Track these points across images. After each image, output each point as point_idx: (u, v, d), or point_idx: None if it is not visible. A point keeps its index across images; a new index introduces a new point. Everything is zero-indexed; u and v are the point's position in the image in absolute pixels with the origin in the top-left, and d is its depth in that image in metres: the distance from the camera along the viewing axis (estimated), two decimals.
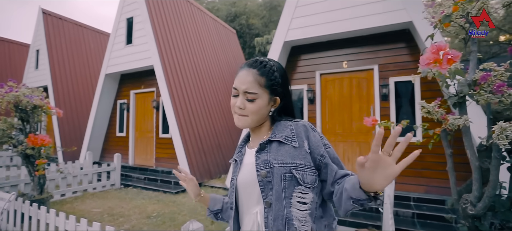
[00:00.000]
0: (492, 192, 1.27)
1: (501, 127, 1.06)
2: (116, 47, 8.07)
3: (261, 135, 0.99)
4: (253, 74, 0.91)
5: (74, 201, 5.53)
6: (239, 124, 0.93)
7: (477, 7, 1.35)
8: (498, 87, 1.19)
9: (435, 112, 1.45)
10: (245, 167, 0.95)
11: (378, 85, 5.21)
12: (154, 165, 7.72)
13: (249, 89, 0.89)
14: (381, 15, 4.86)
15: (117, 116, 8.67)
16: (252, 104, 0.90)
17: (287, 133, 0.91)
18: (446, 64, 0.95)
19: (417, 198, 4.62)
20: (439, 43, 0.96)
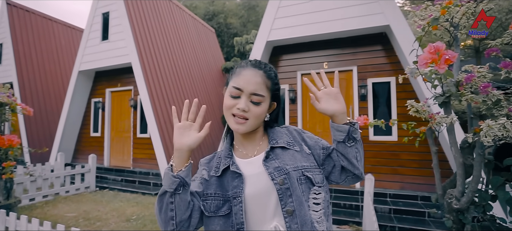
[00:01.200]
0: (475, 186, 1.36)
1: (488, 125, 1.13)
2: (91, 43, 7.68)
3: (255, 141, 0.92)
4: (261, 76, 0.86)
5: (44, 205, 5.20)
6: (240, 128, 0.84)
7: (462, 12, 1.43)
8: (484, 88, 1.28)
9: (423, 111, 1.53)
10: (251, 178, 0.84)
11: (357, 86, 5.39)
12: (132, 166, 7.46)
13: (258, 91, 0.84)
14: (360, 18, 5.03)
15: (92, 115, 8.26)
16: (257, 107, 0.84)
17: (286, 138, 0.90)
18: (443, 64, 1.01)
19: (393, 195, 4.84)
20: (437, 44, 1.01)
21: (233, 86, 0.85)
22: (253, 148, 0.91)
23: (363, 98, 5.32)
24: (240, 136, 0.92)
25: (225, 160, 0.88)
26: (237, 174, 0.84)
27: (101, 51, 7.45)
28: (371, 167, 5.22)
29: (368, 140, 5.28)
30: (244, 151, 0.92)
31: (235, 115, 0.84)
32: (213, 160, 0.93)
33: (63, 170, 6.05)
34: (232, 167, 0.86)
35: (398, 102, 5.17)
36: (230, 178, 0.85)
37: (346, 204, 4.74)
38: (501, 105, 1.30)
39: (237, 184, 0.83)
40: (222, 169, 0.87)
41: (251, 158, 0.89)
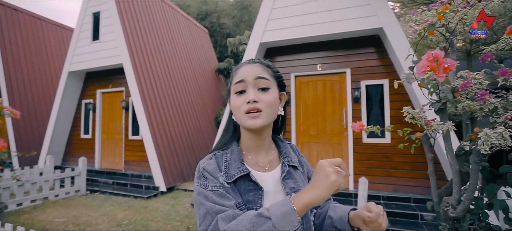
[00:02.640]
0: (471, 194, 1.34)
1: (486, 134, 1.12)
2: (81, 43, 7.53)
3: (266, 149, 0.85)
4: (259, 65, 0.82)
5: (33, 210, 5.07)
6: (257, 121, 0.75)
7: (458, 17, 1.42)
8: (481, 95, 1.26)
9: (419, 118, 1.51)
10: (269, 195, 0.78)
11: (350, 88, 5.39)
12: (123, 168, 7.33)
13: (262, 73, 0.79)
14: (353, 20, 5.04)
15: (82, 116, 8.10)
16: (266, 94, 0.78)
17: (295, 157, 0.88)
18: (442, 73, 0.98)
19: (386, 197, 4.85)
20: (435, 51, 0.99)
21: (235, 82, 0.81)
22: (264, 159, 0.85)
23: (356, 101, 5.32)
24: (251, 141, 0.83)
25: (238, 166, 0.79)
26: (256, 187, 0.77)
27: (92, 52, 7.31)
28: (364, 169, 5.23)
29: (361, 142, 5.29)
30: (256, 159, 0.84)
31: (247, 112, 0.77)
32: (220, 163, 0.81)
33: (53, 173, 5.90)
34: (252, 177, 0.78)
35: (391, 105, 5.19)
36: (242, 189, 0.77)
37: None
38: (497, 113, 1.28)
39: (253, 198, 0.76)
40: (236, 176, 0.77)
41: (266, 172, 0.82)
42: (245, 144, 0.85)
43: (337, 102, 5.57)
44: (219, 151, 0.84)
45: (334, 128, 5.54)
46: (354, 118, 5.36)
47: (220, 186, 0.75)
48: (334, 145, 5.54)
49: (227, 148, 0.84)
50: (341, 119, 5.48)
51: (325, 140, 5.62)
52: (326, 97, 5.65)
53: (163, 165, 6.38)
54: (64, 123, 8.03)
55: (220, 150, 0.84)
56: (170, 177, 6.48)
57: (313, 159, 5.63)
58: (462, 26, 1.49)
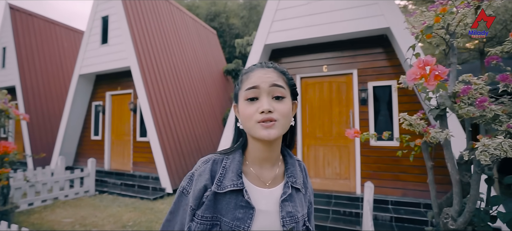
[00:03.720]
0: (472, 206, 1.26)
1: (483, 144, 1.04)
2: (91, 47, 7.69)
3: (272, 162, 0.79)
4: (273, 71, 0.74)
5: (43, 210, 5.19)
6: (271, 132, 0.69)
7: (458, 19, 1.34)
8: (480, 102, 1.19)
9: (417, 124, 1.44)
10: (261, 215, 0.73)
11: (357, 89, 5.28)
12: (132, 169, 7.43)
13: (278, 81, 0.72)
14: (359, 20, 4.93)
15: (92, 118, 8.27)
16: (282, 104, 0.71)
17: (300, 178, 0.81)
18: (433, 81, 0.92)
19: (395, 202, 4.72)
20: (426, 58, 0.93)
21: (247, 88, 0.72)
22: (268, 173, 0.78)
23: (363, 103, 5.21)
24: (258, 152, 0.76)
25: (233, 179, 0.73)
26: (247, 205, 0.72)
27: (101, 55, 7.45)
28: (371, 173, 5.10)
29: (369, 145, 5.17)
30: (259, 173, 0.78)
31: (260, 121, 0.70)
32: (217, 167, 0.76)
33: (63, 174, 6.04)
34: (246, 195, 0.72)
35: (400, 107, 5.05)
36: (233, 204, 0.72)
37: (345, 212, 4.64)
38: (500, 120, 1.20)
39: (242, 216, 0.70)
40: (228, 188, 0.72)
41: (265, 189, 0.76)
42: (251, 154, 0.78)
43: (343, 104, 5.46)
44: (220, 156, 0.79)
45: (341, 130, 5.44)
46: (361, 120, 5.25)
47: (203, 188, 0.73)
48: (341, 147, 5.44)
49: (230, 154, 0.79)
50: (348, 121, 5.37)
51: (331, 143, 5.52)
52: (332, 99, 5.55)
53: (169, 167, 6.42)
54: (75, 125, 8.22)
55: (223, 154, 0.79)
56: (176, 179, 6.52)
57: (319, 162, 5.55)
58: (463, 28, 1.41)
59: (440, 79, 0.92)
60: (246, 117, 0.72)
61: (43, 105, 9.42)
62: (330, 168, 5.47)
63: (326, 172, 5.49)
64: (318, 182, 5.48)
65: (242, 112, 0.73)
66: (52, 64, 10.09)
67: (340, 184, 5.34)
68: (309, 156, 5.63)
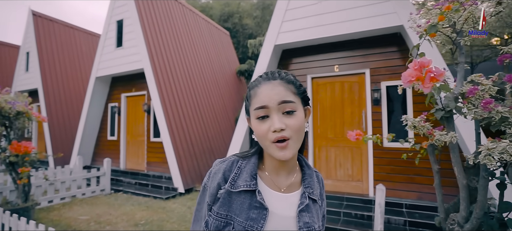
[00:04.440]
0: (480, 213, 1.20)
1: (487, 147, 0.99)
2: (107, 50, 7.94)
3: (287, 170, 0.79)
4: (280, 84, 0.72)
5: (61, 207, 5.40)
6: (286, 153, 0.69)
7: (464, 17, 1.28)
8: (485, 104, 1.13)
9: (421, 127, 1.38)
10: (276, 218, 0.73)
11: (370, 89, 5.16)
12: (146, 169, 7.60)
13: (286, 97, 0.70)
14: (371, 18, 4.82)
15: (108, 119, 8.53)
16: (293, 118, 0.69)
17: (317, 189, 0.80)
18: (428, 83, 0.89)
19: (410, 205, 4.58)
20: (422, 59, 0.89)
21: (256, 107, 0.72)
22: (284, 181, 0.78)
23: (376, 103, 5.08)
24: (273, 163, 0.78)
25: (247, 180, 0.75)
26: (261, 206, 0.73)
27: (116, 58, 7.67)
28: (385, 175, 4.97)
29: (382, 147, 5.04)
30: (274, 179, 0.78)
31: (273, 141, 0.69)
32: (232, 168, 0.79)
33: (80, 173, 6.26)
34: (258, 195, 0.73)
35: (414, 107, 4.89)
36: (246, 204, 0.73)
37: (357, 214, 4.55)
38: (509, 122, 1.14)
39: (256, 217, 0.71)
40: (241, 188, 0.74)
41: (281, 193, 0.77)
42: (267, 161, 0.79)
43: (356, 104, 5.36)
44: (236, 158, 0.81)
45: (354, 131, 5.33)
46: (374, 121, 5.13)
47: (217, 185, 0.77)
48: (353, 149, 5.34)
49: (246, 158, 0.81)
50: (360, 121, 5.27)
51: (343, 144, 5.43)
52: (344, 99, 5.45)
53: (181, 167, 6.52)
54: (92, 126, 8.50)
55: (239, 157, 0.81)
56: (188, 179, 6.60)
57: (331, 163, 5.47)
58: (472, 25, 1.34)
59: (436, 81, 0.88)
60: (260, 136, 0.72)
61: (63, 107, 9.80)
62: (342, 170, 5.38)
63: (338, 173, 5.40)
64: (330, 184, 5.40)
65: (255, 130, 0.73)
66: (72, 67, 10.49)
67: (352, 186, 5.24)
68: (320, 157, 5.56)
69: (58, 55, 10.18)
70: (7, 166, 4.39)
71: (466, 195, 1.27)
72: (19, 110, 4.31)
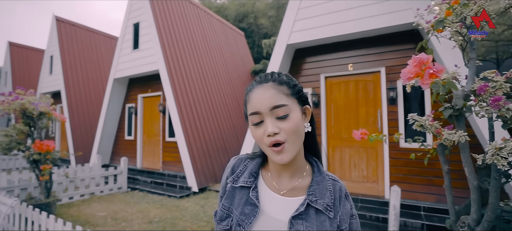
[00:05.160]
0: (492, 216, 1.14)
1: (494, 147, 0.94)
2: (124, 52, 8.19)
3: (290, 173, 0.77)
4: (272, 86, 0.71)
5: (81, 204, 5.62)
6: (283, 157, 0.69)
7: (475, 11, 1.22)
8: (493, 102, 1.07)
9: (429, 126, 1.33)
10: (266, 218, 0.73)
11: (385, 88, 5.02)
12: (161, 168, 7.77)
13: (277, 102, 0.69)
14: (387, 15, 4.69)
15: (126, 119, 8.79)
16: (287, 122, 0.68)
17: (328, 199, 0.73)
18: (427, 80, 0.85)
19: (428, 208, 4.41)
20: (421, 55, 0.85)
21: (250, 113, 0.73)
22: (287, 182, 0.77)
23: (392, 102, 4.94)
24: (274, 165, 0.78)
25: (247, 177, 0.79)
26: (255, 205, 0.74)
27: (133, 60, 7.89)
28: (402, 177, 4.82)
29: (399, 147, 4.89)
30: (277, 179, 0.78)
31: (269, 145, 0.70)
32: (240, 164, 0.84)
33: (98, 172, 6.50)
34: (251, 193, 0.75)
35: (433, 106, 4.71)
36: (244, 199, 0.76)
37: (372, 216, 4.43)
38: None
39: (248, 212, 0.74)
40: (240, 183, 0.78)
41: (279, 196, 0.76)
42: (270, 164, 0.80)
43: (371, 103, 5.23)
44: (246, 157, 0.86)
45: (369, 131, 5.19)
46: (390, 121, 4.99)
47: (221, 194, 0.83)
48: (368, 149, 5.21)
49: (255, 158, 0.83)
50: (376, 121, 5.14)
51: (358, 144, 5.31)
52: (358, 98, 5.34)
53: (195, 166, 6.61)
54: (111, 126, 8.79)
55: (249, 157, 0.85)
56: (202, 178, 6.69)
57: (345, 164, 5.37)
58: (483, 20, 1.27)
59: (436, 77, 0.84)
60: (257, 140, 0.72)
61: (84, 108, 10.20)
62: (356, 171, 5.27)
63: (353, 174, 5.30)
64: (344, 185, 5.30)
65: (252, 135, 0.73)
66: (92, 70, 10.90)
67: (367, 188, 5.13)
68: (334, 157, 5.47)
69: (80, 58, 10.61)
70: (31, 163, 4.62)
71: (477, 197, 1.21)
72: (42, 111, 4.53)
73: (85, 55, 10.87)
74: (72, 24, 10.74)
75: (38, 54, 14.96)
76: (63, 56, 10.00)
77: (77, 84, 10.23)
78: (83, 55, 10.79)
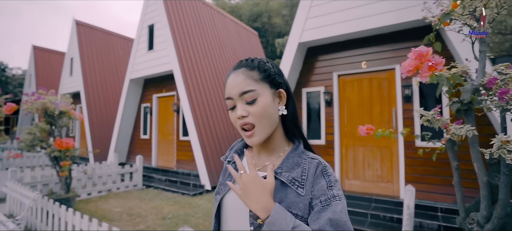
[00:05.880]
0: (502, 212, 1.10)
1: (500, 140, 0.91)
2: (139, 53, 8.40)
3: (268, 151, 0.81)
4: (242, 73, 0.76)
5: (98, 200, 5.82)
6: (253, 139, 0.73)
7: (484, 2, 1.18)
8: (501, 94, 1.03)
9: (436, 121, 1.30)
10: None
11: (400, 86, 4.91)
12: (175, 166, 7.92)
13: (244, 88, 0.73)
14: (401, 11, 4.58)
15: (141, 119, 9.02)
16: (254, 106, 0.72)
17: (297, 173, 0.73)
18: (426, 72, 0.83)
19: (446, 209, 4.27)
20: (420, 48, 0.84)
21: (225, 98, 0.79)
22: (266, 159, 0.81)
23: (407, 100, 4.82)
24: None
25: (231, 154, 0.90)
26: (230, 178, 0.85)
27: (148, 60, 8.09)
28: (418, 176, 4.69)
29: (414, 146, 4.76)
30: (256, 157, 0.83)
31: (241, 128, 0.75)
32: (235, 145, 0.96)
33: (115, 169, 6.71)
34: (230, 166, 0.78)
35: None
36: (228, 173, 0.87)
37: (386, 216, 4.34)
38: None
39: (225, 184, 0.83)
40: (227, 159, 0.89)
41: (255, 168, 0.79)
42: None
43: (385, 101, 5.12)
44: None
45: (383, 129, 5.09)
46: (405, 119, 4.86)
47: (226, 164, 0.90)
48: (383, 148, 5.11)
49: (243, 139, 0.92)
50: (390, 119, 5.02)
51: (372, 143, 5.21)
52: (372, 96, 5.24)
53: (208, 165, 6.70)
54: (127, 125, 9.05)
55: None
56: (215, 176, 6.76)
57: (358, 163, 5.29)
58: (496, 11, 1.23)
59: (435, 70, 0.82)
60: (233, 121, 0.78)
61: (102, 108, 10.55)
62: (370, 170, 5.17)
63: (367, 174, 5.21)
64: (358, 185, 5.22)
65: (230, 118, 0.79)
66: (109, 71, 11.25)
67: (382, 187, 5.02)
68: (347, 157, 5.40)
69: (98, 60, 10.98)
70: (52, 160, 4.84)
71: (487, 193, 1.17)
72: (62, 110, 4.74)
73: (103, 57, 11.23)
74: (91, 27, 11.13)
75: (60, 56, 15.59)
76: (82, 59, 10.38)
77: (95, 85, 10.59)
78: (101, 57, 11.16)
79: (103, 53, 11.26)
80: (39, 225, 3.91)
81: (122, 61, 11.82)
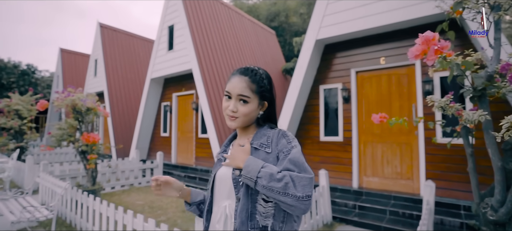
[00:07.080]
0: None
1: (509, 120, 0.92)
2: (160, 54, 8.68)
3: (247, 134, 1.08)
4: (245, 81, 0.99)
5: (121, 193, 6.10)
6: (232, 124, 1.01)
7: None
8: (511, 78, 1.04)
9: (449, 108, 1.31)
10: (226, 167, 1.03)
11: (421, 81, 4.80)
12: (194, 163, 8.12)
13: (243, 93, 0.98)
14: (421, 5, 4.48)
15: (162, 117, 9.31)
16: (244, 107, 0.98)
17: (263, 140, 1.00)
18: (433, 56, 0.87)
19: (468, 207, 4.14)
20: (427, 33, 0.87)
21: (225, 90, 1.03)
22: (243, 140, 1.05)
23: (428, 95, 4.70)
24: (238, 130, 1.10)
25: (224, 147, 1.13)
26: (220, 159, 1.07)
27: (168, 60, 8.35)
28: (440, 173, 4.57)
29: (435, 143, 4.62)
30: (239, 140, 1.09)
31: (228, 114, 1.00)
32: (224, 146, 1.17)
33: (137, 165, 6.99)
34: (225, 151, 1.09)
35: None
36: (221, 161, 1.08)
37: (405, 213, 4.28)
38: None
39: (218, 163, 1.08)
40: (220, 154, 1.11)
41: None
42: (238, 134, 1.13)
43: (405, 97, 5.03)
44: None
45: (402, 126, 4.98)
46: (425, 115, 4.75)
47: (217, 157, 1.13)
48: (402, 145, 5.02)
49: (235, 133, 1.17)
50: (410, 115, 4.92)
51: (391, 140, 5.14)
52: (391, 92, 5.16)
53: None
54: (148, 123, 9.37)
55: None
56: None
57: (377, 160, 5.22)
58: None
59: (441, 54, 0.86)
60: (223, 108, 1.03)
61: (124, 107, 10.97)
62: (389, 167, 5.09)
63: (385, 171, 5.13)
64: (376, 182, 5.16)
65: (222, 104, 1.03)
66: (131, 71, 11.69)
67: (402, 185, 4.94)
68: (365, 153, 5.34)
69: (120, 61, 11.43)
70: (80, 154, 5.13)
71: (501, 178, 1.18)
72: (88, 107, 5.02)
73: (125, 58, 11.68)
74: (114, 30, 11.60)
75: (85, 58, 16.34)
76: (106, 60, 10.85)
77: (118, 85, 11.03)
78: (123, 58, 11.61)
79: (125, 54, 11.71)
80: (69, 214, 4.17)
81: (143, 61, 12.24)
